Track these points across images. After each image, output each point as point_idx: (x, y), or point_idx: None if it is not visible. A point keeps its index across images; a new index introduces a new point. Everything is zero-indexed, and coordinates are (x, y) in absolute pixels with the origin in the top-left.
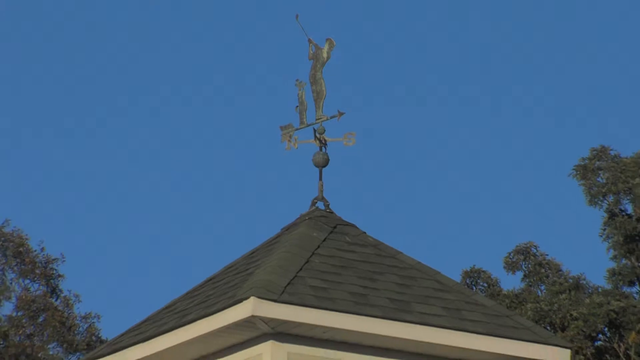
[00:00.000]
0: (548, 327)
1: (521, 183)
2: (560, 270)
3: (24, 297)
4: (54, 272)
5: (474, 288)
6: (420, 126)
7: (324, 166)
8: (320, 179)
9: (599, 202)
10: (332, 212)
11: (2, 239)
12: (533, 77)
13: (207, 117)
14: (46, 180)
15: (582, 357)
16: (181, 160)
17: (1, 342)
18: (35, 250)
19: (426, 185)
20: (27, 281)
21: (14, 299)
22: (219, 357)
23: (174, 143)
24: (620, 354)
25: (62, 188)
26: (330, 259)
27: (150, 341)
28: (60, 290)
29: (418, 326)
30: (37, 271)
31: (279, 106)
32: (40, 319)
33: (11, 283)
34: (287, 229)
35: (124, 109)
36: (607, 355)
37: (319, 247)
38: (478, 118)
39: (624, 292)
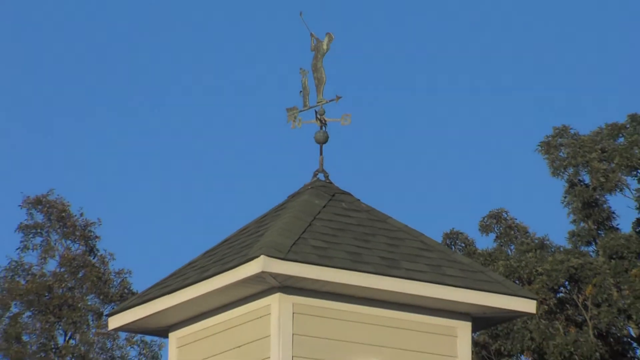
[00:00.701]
0: (517, 281)
1: (495, 158)
2: (527, 232)
3: (66, 255)
4: (92, 234)
5: (453, 248)
6: (407, 109)
7: (324, 143)
8: (321, 154)
9: (561, 174)
10: (331, 183)
11: (47, 205)
12: (510, 64)
13: (228, 103)
14: (85, 153)
15: (545, 307)
16: (206, 137)
17: (46, 295)
18: (75, 215)
19: (412, 159)
20: (68, 242)
21: (57, 257)
22: (233, 308)
23: (201, 122)
24: (579, 304)
25: (99, 160)
26: (329, 223)
27: (174, 293)
28: (97, 250)
29: (405, 280)
30: (77, 233)
31: (285, 91)
32: (80, 274)
33: (55, 243)
34: (293, 196)
35: (149, 93)
36: (568, 305)
37: (319, 212)
38: (458, 100)
39: (582, 251)
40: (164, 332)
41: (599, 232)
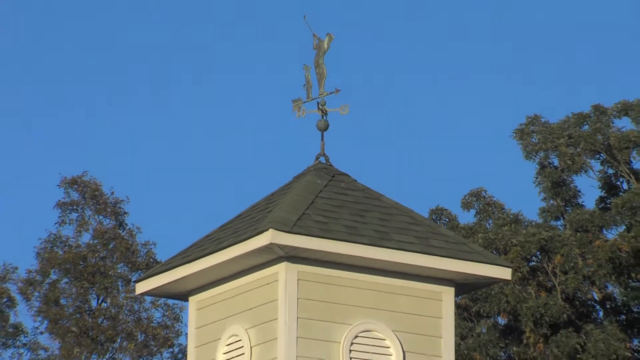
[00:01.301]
0: (494, 252)
1: (476, 143)
2: (503, 209)
3: (98, 229)
4: (121, 210)
5: (438, 222)
6: (399, 100)
7: (325, 130)
8: (322, 140)
9: (533, 157)
10: (331, 165)
11: (82, 185)
12: (492, 61)
13: (243, 95)
14: (116, 137)
15: (519, 274)
16: (224, 124)
17: (81, 263)
18: (106, 194)
19: (403, 145)
20: (100, 217)
21: (90, 231)
22: (245, 275)
23: (219, 111)
24: (549, 272)
25: (128, 143)
26: (329, 200)
27: (193, 262)
28: (126, 224)
29: (396, 251)
30: (108, 209)
31: (291, 85)
32: (111, 246)
33: (89, 219)
34: (297, 177)
35: (174, 76)
36: (539, 273)
37: (321, 191)
38: (443, 93)
39: (551, 225)
40: (184, 297)
41: (566, 208)
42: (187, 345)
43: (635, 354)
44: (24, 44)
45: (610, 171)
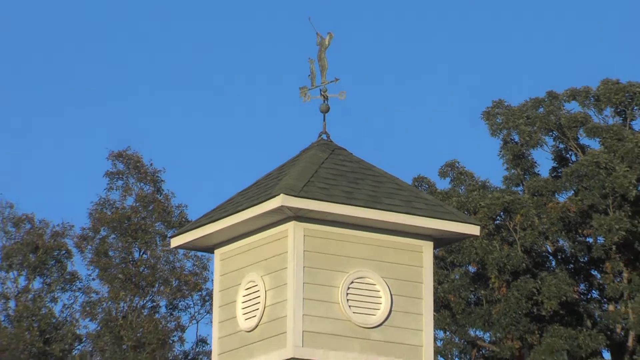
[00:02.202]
0: (465, 212)
1: (452, 122)
2: (473, 177)
3: (140, 194)
4: (159, 178)
5: (420, 188)
6: (388, 87)
7: (326, 112)
8: (324, 120)
9: (497, 134)
10: (331, 141)
11: (126, 157)
12: (465, 54)
13: (260, 83)
14: (154, 115)
15: (486, 230)
16: (244, 106)
17: (126, 222)
18: (146, 165)
19: (391, 124)
20: (141, 184)
21: (133, 195)
22: (260, 232)
23: (239, 98)
24: (510, 229)
25: (166, 120)
26: (330, 170)
27: (217, 222)
28: (162, 189)
29: (385, 212)
30: (148, 178)
31: (298, 75)
32: (150, 208)
33: (132, 185)
34: (304, 151)
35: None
36: (502, 229)
37: (323, 162)
38: (426, 80)
39: (513, 190)
40: (210, 249)
41: (525, 176)
42: (213, 289)
43: (581, 295)
44: (73, 28)
45: (561, 146)
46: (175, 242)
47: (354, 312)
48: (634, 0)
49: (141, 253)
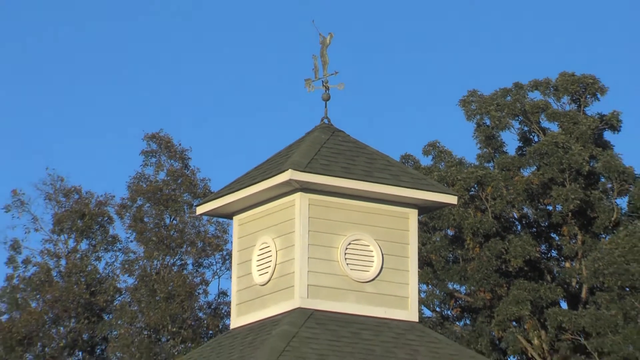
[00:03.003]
0: (445, 185)
1: (434, 109)
2: (452, 155)
3: (170, 169)
4: (186, 156)
5: (406, 164)
6: (378, 80)
7: (327, 100)
8: (326, 107)
9: (472, 119)
10: (331, 125)
11: (159, 138)
12: (446, 47)
13: (273, 75)
14: (182, 100)
15: (462, 200)
16: (258, 95)
17: (158, 193)
18: (176, 144)
19: (383, 110)
20: (171, 161)
21: (165, 170)
22: (271, 201)
23: (254, 88)
24: (483, 199)
25: (193, 103)
26: (330, 149)
27: (235, 193)
28: (190, 166)
29: (377, 184)
30: (177, 156)
31: (304, 69)
32: (179, 181)
33: (163, 162)
34: (308, 133)
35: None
36: (476, 199)
37: (324, 143)
38: (412, 70)
39: (485, 166)
40: (230, 216)
41: (495, 154)
42: (232, 250)
43: (542, 254)
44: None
45: (526, 128)
46: (200, 210)
47: (350, 269)
48: (589, 3)
49: (171, 219)
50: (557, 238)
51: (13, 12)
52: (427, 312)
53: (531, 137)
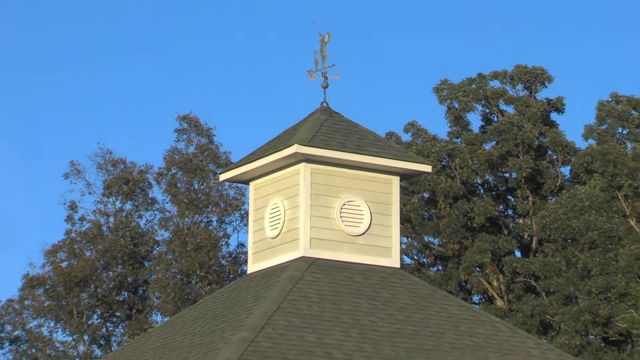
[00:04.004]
0: (422, 156)
1: (412, 95)
2: (427, 132)
3: (198, 144)
4: (212, 133)
5: (390, 139)
6: (366, 70)
7: (326, 88)
8: (325, 93)
9: (444, 103)
10: (329, 108)
11: (189, 119)
12: (420, 41)
13: (282, 68)
14: (209, 84)
15: (436, 169)
16: (270, 89)
17: (189, 163)
18: (203, 124)
19: (371, 95)
20: (199, 137)
21: (194, 145)
22: (280, 170)
23: (265, 78)
24: (452, 168)
25: (217, 88)
26: (329, 127)
27: (251, 163)
28: (214, 141)
29: (367, 156)
30: (204, 133)
31: (307, 61)
32: (205, 153)
33: (192, 138)
34: (310, 115)
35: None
36: (447, 168)
37: (324, 122)
38: (393, 62)
39: (454, 141)
40: (247, 182)
41: (462, 132)
42: (248, 209)
43: (500, 213)
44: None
45: (487, 110)
46: (223, 177)
47: (345, 225)
48: (540, 8)
49: (199, 185)
50: (512, 199)
51: None
52: (407, 260)
53: (491, 117)
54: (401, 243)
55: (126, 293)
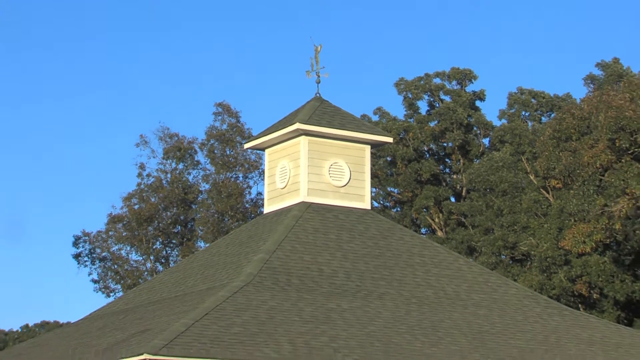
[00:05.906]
0: (387, 132)
1: (379, 88)
2: (390, 114)
3: (229, 123)
4: (239, 115)
5: (365, 120)
6: (352, 70)
7: (319, 83)
8: (317, 87)
9: (401, 94)
10: (321, 97)
11: (222, 105)
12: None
13: (285, 66)
14: (248, 74)
15: (396, 139)
16: (275, 79)
17: (222, 136)
18: (232, 109)
19: (353, 88)
20: (230, 118)
21: (225, 125)
22: (287, 141)
23: (271, 75)
24: (407, 139)
25: (242, 79)
26: (321, 112)
27: (266, 136)
28: (240, 121)
29: (347, 131)
30: (233, 114)
31: (304, 64)
32: (234, 129)
33: (225, 119)
34: (307, 103)
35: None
36: (405, 139)
37: (317, 107)
38: (376, 62)
39: (409, 121)
40: (263, 149)
41: (415, 114)
42: (264, 168)
43: (440, 170)
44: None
45: (432, 99)
46: (246, 146)
47: (332, 179)
48: (474, 20)
49: (230, 151)
50: (449, 161)
51: None
52: (375, 204)
53: (435, 104)
54: (371, 192)
55: (179, 227)
